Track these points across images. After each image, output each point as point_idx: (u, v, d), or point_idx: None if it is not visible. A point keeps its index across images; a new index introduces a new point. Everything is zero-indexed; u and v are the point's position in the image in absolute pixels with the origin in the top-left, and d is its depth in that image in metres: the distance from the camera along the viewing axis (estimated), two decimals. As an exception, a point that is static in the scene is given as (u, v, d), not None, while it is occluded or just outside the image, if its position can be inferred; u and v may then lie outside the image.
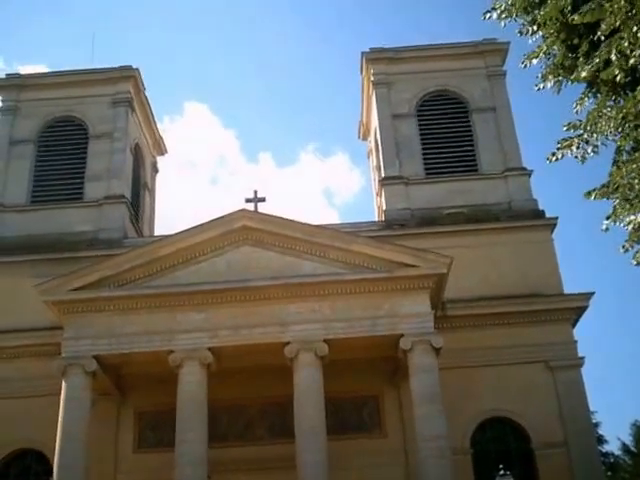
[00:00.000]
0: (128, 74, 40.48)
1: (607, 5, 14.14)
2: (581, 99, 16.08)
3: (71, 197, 37.64)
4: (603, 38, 14.43)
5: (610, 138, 15.40)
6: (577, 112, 16.06)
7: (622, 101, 15.03)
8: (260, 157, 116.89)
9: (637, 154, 15.37)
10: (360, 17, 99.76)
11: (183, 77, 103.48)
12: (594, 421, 42.06)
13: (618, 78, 14.14)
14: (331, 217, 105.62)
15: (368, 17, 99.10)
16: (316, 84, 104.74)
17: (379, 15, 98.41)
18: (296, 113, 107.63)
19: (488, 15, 17.04)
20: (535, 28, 16.43)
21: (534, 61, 16.48)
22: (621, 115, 14.83)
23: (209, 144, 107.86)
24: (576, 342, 32.41)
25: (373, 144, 42.96)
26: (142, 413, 31.78)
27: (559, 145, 16.06)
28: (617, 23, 14.03)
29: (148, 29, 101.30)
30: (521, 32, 16.85)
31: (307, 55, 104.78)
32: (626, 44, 13.65)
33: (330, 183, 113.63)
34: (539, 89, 16.77)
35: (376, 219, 39.69)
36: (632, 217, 15.38)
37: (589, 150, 15.57)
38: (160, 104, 47.48)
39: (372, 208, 43.37)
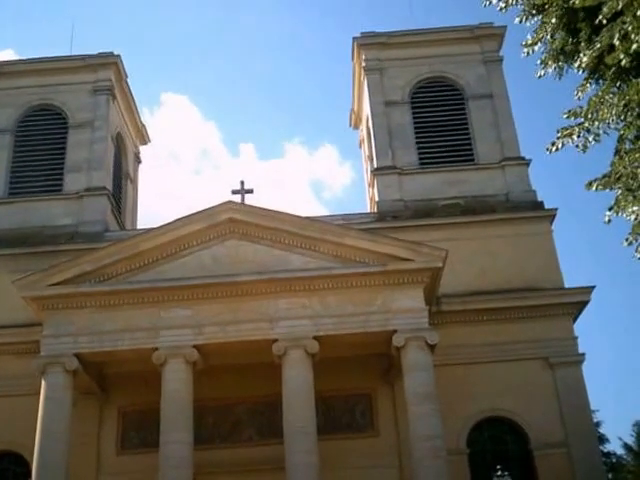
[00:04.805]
0: (109, 61, 40.31)
1: (609, -12, 14.12)
2: (583, 86, 16.03)
3: (50, 189, 37.48)
4: (605, 22, 14.40)
5: (612, 126, 15.36)
6: (579, 99, 16.02)
7: (626, 87, 14.98)
8: (242, 149, 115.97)
9: (641, 142, 15.34)
10: (349, 0, 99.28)
11: (159, 67, 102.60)
12: (595, 420, 42.14)
13: (623, 63, 14.10)
14: (320, 212, 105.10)
15: (358, 0, 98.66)
16: (301, 72, 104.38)
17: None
18: (280, 103, 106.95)
19: (487, 2, 17.09)
20: (535, 12, 16.40)
21: (536, 48, 16.45)
22: (623, 102, 14.79)
23: (190, 135, 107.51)
24: (576, 338, 32.36)
25: (365, 133, 42.91)
26: (126, 413, 31.69)
27: (559, 134, 16.00)
28: (619, 6, 13.99)
29: (120, 16, 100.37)
30: (521, 19, 16.82)
31: (292, 41, 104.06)
32: (630, 28, 13.62)
33: (318, 176, 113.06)
34: (540, 76, 16.73)
35: (368, 211, 39.67)
36: (635, 208, 15.32)
37: (590, 139, 15.52)
38: (137, 95, 46.91)
39: (364, 202, 43.40)
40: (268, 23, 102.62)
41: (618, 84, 15.27)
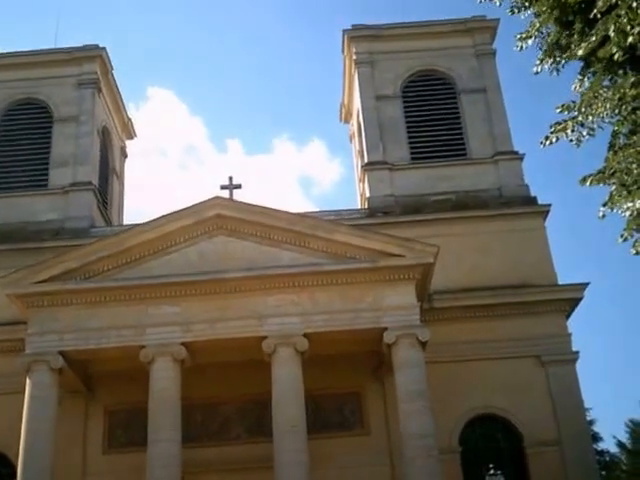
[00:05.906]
0: (94, 54, 40.15)
1: (604, -19, 14.15)
2: (580, 80, 16.08)
3: (35, 184, 37.35)
4: (599, 16, 14.42)
5: (606, 120, 15.39)
6: (579, 93, 16.06)
7: (619, 80, 15.02)
8: (229, 144, 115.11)
9: (635, 137, 15.36)
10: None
11: (145, 60, 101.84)
12: (589, 418, 42.20)
13: (616, 56, 14.13)
14: (309, 208, 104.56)
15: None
16: (290, 66, 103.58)
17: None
18: (268, 98, 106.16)
19: None
20: (527, 4, 16.46)
21: (529, 41, 16.50)
22: (618, 96, 14.83)
23: (176, 131, 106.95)
24: (570, 335, 32.43)
25: (355, 127, 42.85)
26: (112, 412, 31.61)
27: (553, 128, 16.05)
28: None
29: (105, 8, 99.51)
30: (512, 11, 16.88)
31: (280, 34, 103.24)
32: (625, 21, 13.64)
33: (307, 172, 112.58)
34: (537, 73, 16.78)
35: (359, 207, 39.64)
36: (630, 204, 15.34)
37: (584, 133, 15.55)
38: (122, 89, 46.15)
39: (353, 199, 43.41)
40: (256, 17, 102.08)
41: (610, 77, 15.33)
